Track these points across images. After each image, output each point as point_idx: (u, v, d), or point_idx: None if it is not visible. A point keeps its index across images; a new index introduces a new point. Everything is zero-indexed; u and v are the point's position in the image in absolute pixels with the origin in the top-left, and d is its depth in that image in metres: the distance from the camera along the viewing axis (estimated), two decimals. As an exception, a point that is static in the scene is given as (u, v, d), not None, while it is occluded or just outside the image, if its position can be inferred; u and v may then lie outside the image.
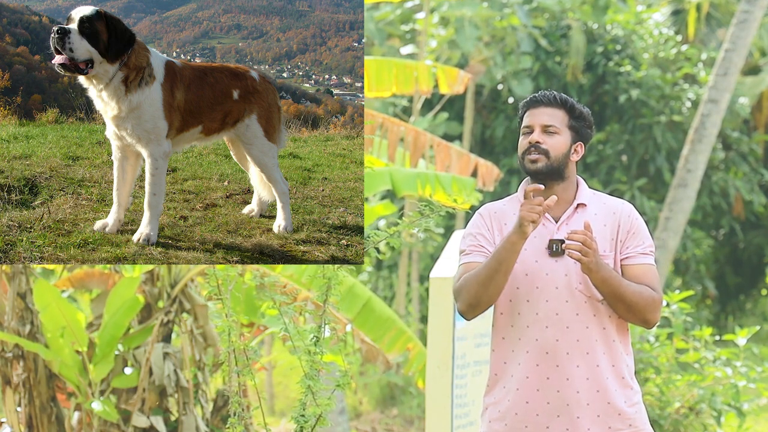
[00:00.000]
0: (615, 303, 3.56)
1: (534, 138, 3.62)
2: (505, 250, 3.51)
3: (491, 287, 3.55)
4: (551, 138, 3.63)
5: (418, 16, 15.91)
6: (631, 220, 3.65)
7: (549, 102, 3.66)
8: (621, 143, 16.71)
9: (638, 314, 3.57)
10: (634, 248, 3.62)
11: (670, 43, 17.57)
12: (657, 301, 3.59)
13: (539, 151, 3.61)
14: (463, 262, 3.68)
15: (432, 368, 5.88)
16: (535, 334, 3.58)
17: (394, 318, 7.03)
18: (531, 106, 3.69)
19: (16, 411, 6.99)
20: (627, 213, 3.67)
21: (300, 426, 3.94)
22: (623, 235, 3.63)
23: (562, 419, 3.56)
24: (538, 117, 3.65)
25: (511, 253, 3.51)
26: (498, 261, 3.52)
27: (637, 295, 3.55)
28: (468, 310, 3.61)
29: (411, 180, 7.74)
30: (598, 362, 3.57)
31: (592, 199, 3.69)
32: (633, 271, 3.61)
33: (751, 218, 18.13)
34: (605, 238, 3.62)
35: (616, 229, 3.63)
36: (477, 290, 3.56)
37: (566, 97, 3.68)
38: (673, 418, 7.42)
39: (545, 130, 3.63)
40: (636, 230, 3.65)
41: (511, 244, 3.50)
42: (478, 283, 3.55)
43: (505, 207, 3.72)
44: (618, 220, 3.65)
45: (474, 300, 3.58)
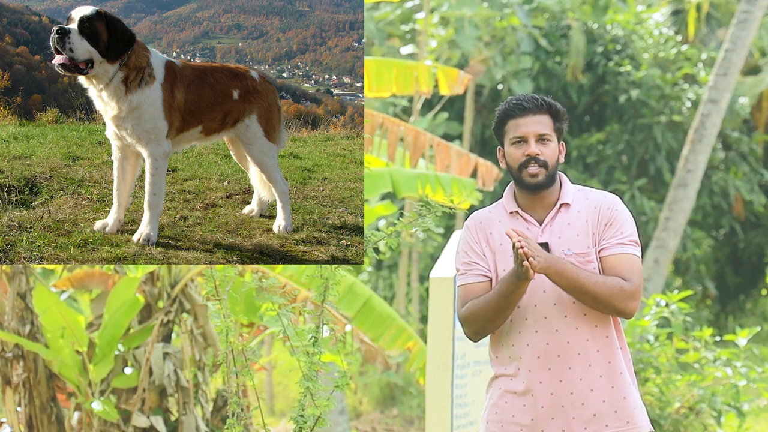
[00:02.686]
0: (579, 295, 3.50)
1: (533, 151, 3.54)
2: (511, 292, 3.50)
3: (499, 320, 3.57)
4: (546, 147, 3.56)
5: (418, 16, 15.91)
6: (610, 211, 3.59)
7: (537, 108, 3.57)
8: (621, 143, 16.71)
9: (607, 305, 3.51)
10: (609, 239, 3.57)
11: (670, 43, 17.57)
12: (627, 290, 3.51)
13: (539, 164, 3.55)
14: (460, 284, 3.67)
15: (432, 368, 5.88)
16: (527, 339, 3.58)
17: (394, 316, 7.03)
18: (519, 113, 3.57)
19: (16, 411, 6.99)
20: (607, 205, 3.61)
21: (299, 426, 3.94)
22: (600, 228, 3.58)
23: (557, 421, 3.57)
24: (530, 126, 3.56)
25: (517, 294, 3.51)
26: (506, 301, 3.52)
27: (601, 286, 3.49)
28: (475, 337, 3.64)
29: (411, 181, 7.74)
30: (591, 361, 3.56)
31: (576, 196, 3.64)
32: (608, 262, 3.56)
33: (751, 218, 18.13)
34: (587, 234, 3.58)
35: (596, 222, 3.59)
36: (484, 324, 3.58)
37: (548, 99, 3.61)
38: (673, 418, 7.42)
39: (540, 139, 3.56)
40: (614, 221, 3.58)
41: (516, 287, 3.49)
42: (485, 318, 3.56)
43: (491, 214, 3.69)
44: (598, 214, 3.60)
45: (482, 330, 3.61)
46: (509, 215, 3.65)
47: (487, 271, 3.63)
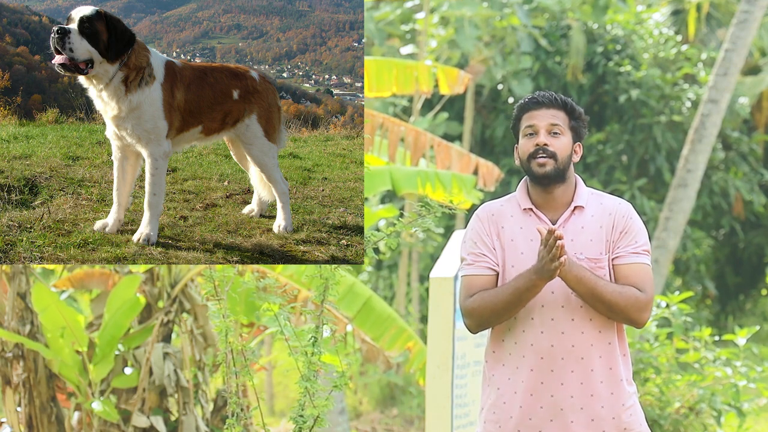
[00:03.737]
0: (594, 303, 3.51)
1: (541, 140, 3.56)
2: (527, 290, 3.50)
3: (506, 316, 3.57)
4: (557, 140, 3.58)
5: (418, 16, 15.90)
6: (625, 219, 3.61)
7: (551, 103, 3.60)
8: (621, 143, 16.71)
9: (621, 314, 3.53)
10: (624, 248, 3.58)
11: (670, 43, 17.57)
12: (642, 301, 3.53)
13: (547, 154, 3.56)
14: (465, 274, 3.64)
15: (432, 368, 5.88)
16: (531, 339, 3.57)
17: (394, 316, 7.03)
18: (532, 107, 3.61)
19: (16, 411, 6.99)
20: (622, 213, 3.62)
21: (298, 426, 3.94)
22: (615, 236, 3.59)
23: (555, 423, 3.56)
24: (542, 118, 3.59)
25: (532, 292, 3.51)
26: (519, 298, 3.51)
27: (617, 295, 3.50)
28: (477, 330, 3.63)
29: (411, 178, 7.74)
30: (593, 367, 3.56)
31: (589, 200, 3.65)
32: (622, 271, 3.57)
33: (751, 218, 18.13)
34: (601, 240, 3.59)
35: (611, 230, 3.60)
36: (490, 318, 3.57)
37: (565, 97, 3.64)
38: (673, 418, 7.42)
39: (550, 131, 3.58)
40: (629, 229, 3.60)
41: (533, 285, 3.49)
42: (493, 312, 3.55)
43: (503, 208, 3.68)
44: (613, 221, 3.61)
45: (486, 324, 3.60)
46: (523, 212, 3.65)
47: (495, 264, 3.62)
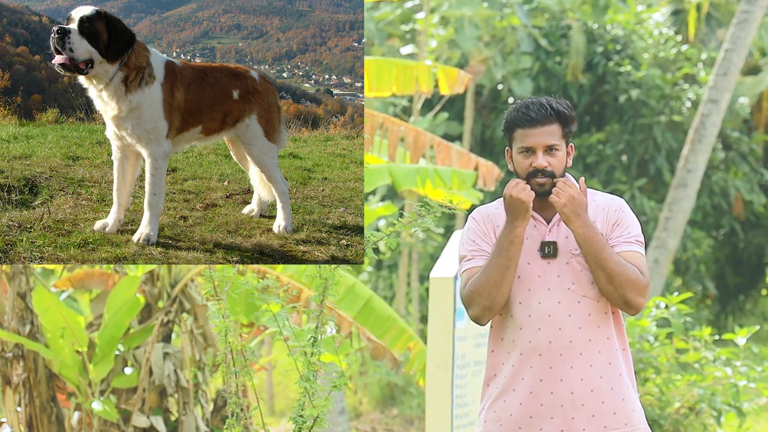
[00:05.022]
0: (596, 269, 3.52)
1: (540, 164, 3.56)
2: (509, 242, 3.52)
3: (504, 285, 3.55)
4: (554, 158, 3.59)
5: (418, 16, 15.90)
6: (618, 213, 3.64)
7: (545, 119, 3.57)
8: (621, 143, 16.71)
9: (618, 289, 3.51)
10: (617, 238, 3.60)
11: (670, 43, 17.57)
12: (641, 282, 3.53)
13: (545, 175, 3.58)
14: (466, 268, 3.65)
15: (432, 368, 5.88)
16: (528, 335, 3.58)
17: (394, 317, 7.03)
18: (527, 125, 3.58)
19: (16, 411, 7.00)
20: (615, 207, 3.65)
21: (298, 426, 3.94)
22: (608, 228, 3.62)
23: (556, 420, 3.56)
24: (538, 138, 3.57)
25: (517, 244, 3.52)
26: (507, 256, 3.53)
27: (620, 267, 3.51)
28: (483, 314, 3.60)
29: (410, 174, 7.73)
30: (592, 362, 3.56)
31: None
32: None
33: (751, 218, 18.13)
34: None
35: (605, 223, 3.62)
36: (490, 291, 3.55)
37: (557, 107, 3.60)
38: (673, 418, 7.42)
39: (547, 150, 3.59)
40: (621, 221, 3.62)
41: (515, 235, 3.51)
42: (490, 284, 3.55)
43: (498, 210, 3.70)
44: (606, 215, 3.64)
45: (488, 302, 3.57)
46: None
47: None
